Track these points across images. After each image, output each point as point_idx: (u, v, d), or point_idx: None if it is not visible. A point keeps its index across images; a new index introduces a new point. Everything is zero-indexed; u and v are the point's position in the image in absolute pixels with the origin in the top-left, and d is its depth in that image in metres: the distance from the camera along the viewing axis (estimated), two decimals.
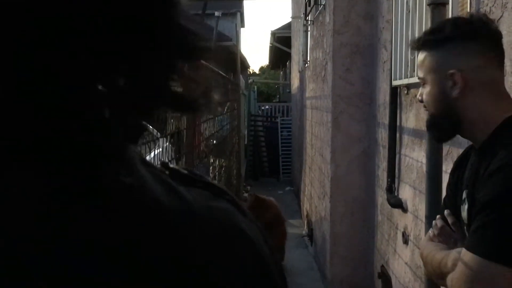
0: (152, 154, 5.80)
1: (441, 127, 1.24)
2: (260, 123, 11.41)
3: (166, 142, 6.15)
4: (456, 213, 1.40)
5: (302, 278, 4.77)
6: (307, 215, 6.23)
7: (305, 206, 6.52)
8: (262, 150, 11.03)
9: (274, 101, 18.48)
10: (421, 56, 1.21)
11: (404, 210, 3.03)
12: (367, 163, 4.05)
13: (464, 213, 1.22)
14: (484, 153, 1.13)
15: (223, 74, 5.41)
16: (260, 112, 12.49)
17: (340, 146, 4.12)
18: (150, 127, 5.55)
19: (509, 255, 0.97)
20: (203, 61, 0.34)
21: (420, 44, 1.20)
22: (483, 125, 1.14)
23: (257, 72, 39.70)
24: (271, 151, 10.80)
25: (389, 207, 3.30)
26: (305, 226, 6.32)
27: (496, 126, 1.12)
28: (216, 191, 0.35)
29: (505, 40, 1.76)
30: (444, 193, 1.43)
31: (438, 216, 1.29)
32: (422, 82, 1.23)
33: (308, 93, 6.47)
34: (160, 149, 6.02)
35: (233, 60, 8.56)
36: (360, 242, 4.14)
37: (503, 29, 1.75)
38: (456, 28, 1.14)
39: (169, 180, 0.32)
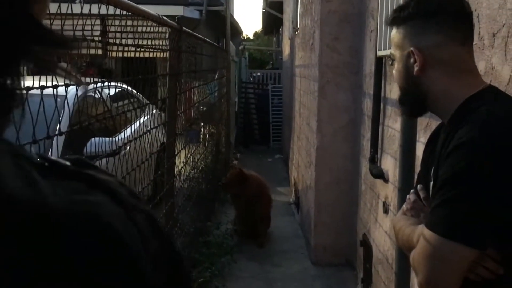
0: (142, 120, 5.76)
1: (409, 103, 1.25)
2: (251, 91, 11.33)
3: (154, 109, 6.09)
4: (427, 188, 1.42)
5: (288, 244, 4.85)
6: (294, 183, 6.28)
7: (293, 174, 6.56)
8: (253, 118, 11.00)
9: (267, 68, 18.32)
10: (392, 32, 1.21)
11: (386, 180, 3.06)
12: (352, 133, 4.06)
13: (431, 190, 1.23)
14: (449, 130, 1.14)
15: (210, 41, 5.33)
16: (251, 79, 12.39)
17: (326, 116, 4.12)
18: (139, 94, 5.46)
19: (464, 233, 0.99)
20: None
21: (390, 20, 1.20)
22: (447, 103, 1.15)
23: (251, 37, 39.16)
24: (262, 119, 10.77)
25: (372, 177, 3.33)
26: (293, 194, 6.38)
27: (458, 104, 1.12)
28: (93, 183, 0.35)
29: (484, 14, 1.74)
30: (418, 167, 1.44)
31: (411, 191, 1.31)
32: (392, 58, 1.24)
33: (297, 61, 6.41)
34: (148, 116, 5.97)
35: (224, 25, 8.43)
36: (344, 211, 4.19)
37: (483, 2, 1.72)
38: (418, 5, 1.14)
39: (33, 174, 0.32)
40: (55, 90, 1.52)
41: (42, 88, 1.46)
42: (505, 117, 1.04)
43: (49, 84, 1.51)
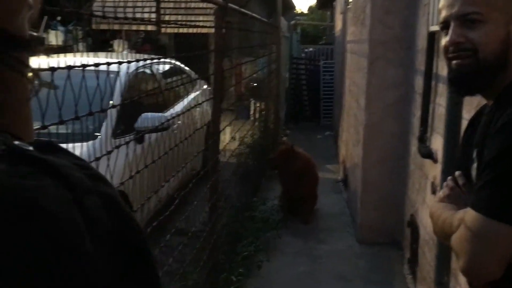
0: (192, 96, 5.83)
1: (479, 75, 1.09)
2: (302, 66, 11.19)
3: (205, 84, 6.14)
4: (467, 173, 1.36)
5: (333, 222, 4.84)
6: (343, 161, 6.22)
7: (342, 151, 6.49)
8: (304, 94, 10.90)
9: (320, 43, 17.99)
10: None
11: (434, 160, 2.96)
12: (402, 111, 3.95)
13: (474, 172, 1.19)
14: (496, 108, 1.08)
15: (258, 17, 5.29)
16: (303, 55, 12.22)
17: (375, 93, 4.02)
18: (189, 69, 5.52)
19: (509, 213, 0.96)
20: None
21: None
22: (510, 75, 1.08)
23: (306, 12, 38.50)
24: (313, 95, 10.65)
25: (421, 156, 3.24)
26: (341, 172, 6.32)
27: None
28: (44, 168, 0.36)
29: None
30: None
31: (449, 178, 1.26)
32: (476, 19, 1.06)
33: (348, 37, 6.26)
34: (198, 92, 6.02)
35: (275, 1, 8.33)
36: (392, 190, 4.12)
37: None
38: None
39: None
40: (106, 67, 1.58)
41: (96, 65, 1.52)
42: None
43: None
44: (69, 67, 1.36)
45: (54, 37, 8.05)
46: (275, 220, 4.59)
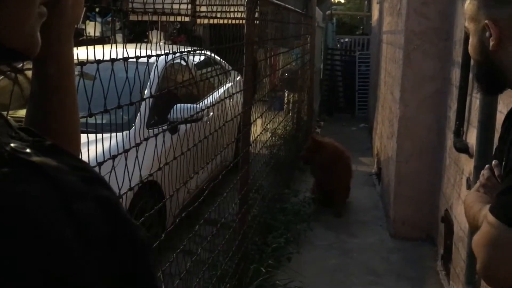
0: (225, 87, 5.86)
1: (485, 80, 1.17)
2: (337, 57, 11.05)
3: (238, 75, 6.17)
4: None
5: (366, 215, 4.79)
6: (377, 154, 6.13)
7: (376, 144, 6.39)
8: (339, 85, 10.77)
9: (357, 33, 17.69)
10: (466, 3, 1.14)
11: (470, 155, 2.88)
12: (439, 104, 3.85)
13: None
14: None
15: (291, 7, 5.25)
16: (339, 45, 12.06)
17: (411, 85, 3.93)
18: (223, 61, 5.53)
19: None
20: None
21: None
22: None
23: (343, 1, 37.88)
24: (348, 87, 10.51)
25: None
26: (375, 165, 6.23)
27: None
28: (33, 170, 0.37)
29: None
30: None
31: (486, 166, 1.24)
32: (467, 32, 1.16)
33: (384, 27, 6.13)
34: (232, 83, 6.07)
35: None
36: (426, 185, 4.03)
37: None
38: None
39: None
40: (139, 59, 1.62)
41: (137, 57, 1.56)
42: None
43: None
44: (107, 61, 1.40)
45: (92, 28, 8.23)
46: (307, 212, 4.58)
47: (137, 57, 1.62)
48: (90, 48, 1.36)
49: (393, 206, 4.24)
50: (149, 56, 1.72)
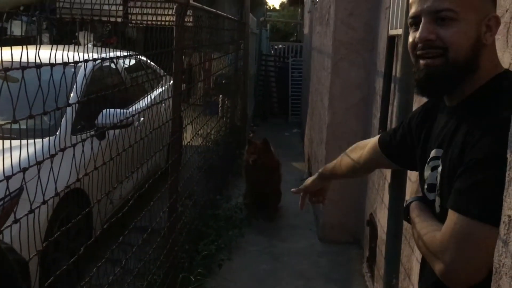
0: (157, 92, 5.76)
1: (448, 77, 1.06)
2: (271, 63, 11.22)
3: (171, 80, 6.08)
4: (399, 160, 1.43)
5: (297, 220, 4.87)
6: (308, 159, 6.27)
7: (308, 150, 6.54)
8: (272, 91, 10.94)
9: (291, 39, 18.05)
10: None
11: None
12: (364, 112, 4.01)
13: (428, 173, 1.17)
14: (468, 113, 1.05)
15: (223, 14, 5.27)
16: (272, 51, 12.25)
17: (339, 93, 4.06)
18: (156, 66, 5.44)
19: (498, 216, 0.89)
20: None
21: None
22: (479, 79, 1.05)
23: (278, 8, 38.52)
24: (281, 92, 10.70)
25: None
26: (306, 170, 6.37)
27: (486, 80, 1.05)
28: None
29: None
30: None
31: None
32: (449, 16, 1.02)
33: (314, 36, 6.30)
34: (164, 87, 5.96)
35: None
36: (354, 190, 4.18)
37: None
38: None
39: None
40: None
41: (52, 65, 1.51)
42: None
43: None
44: (32, 67, 1.35)
45: (18, 28, 7.82)
46: (239, 218, 4.59)
47: (65, 63, 1.58)
48: (16, 49, 1.32)
49: (322, 211, 4.35)
50: (76, 62, 1.67)
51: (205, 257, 3.57)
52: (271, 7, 37.29)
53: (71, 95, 3.48)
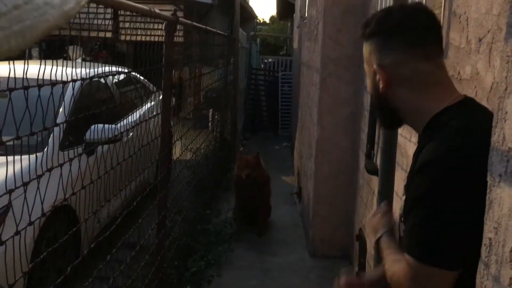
0: (147, 106, 5.75)
1: (383, 116, 1.23)
2: (261, 77, 11.28)
3: (161, 95, 6.08)
4: None
5: (287, 234, 4.87)
6: (298, 173, 6.28)
7: (297, 164, 6.56)
8: (262, 105, 10.98)
9: (281, 53, 18.18)
10: (363, 46, 1.18)
11: None
12: (353, 127, 4.04)
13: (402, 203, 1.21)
14: (419, 146, 1.11)
15: (213, 30, 5.31)
16: (262, 65, 12.33)
17: (327, 108, 4.09)
18: (146, 81, 5.44)
19: (439, 257, 0.95)
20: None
21: (360, 34, 1.17)
22: (417, 118, 1.12)
23: (267, 21, 38.84)
24: (271, 106, 10.75)
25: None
26: (296, 184, 6.38)
27: (430, 117, 1.09)
28: None
29: (472, 17, 1.71)
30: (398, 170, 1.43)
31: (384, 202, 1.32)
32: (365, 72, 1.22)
33: (303, 51, 6.36)
34: (153, 103, 5.96)
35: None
36: (343, 204, 4.19)
37: (472, 5, 1.69)
38: (379, 22, 1.11)
39: None
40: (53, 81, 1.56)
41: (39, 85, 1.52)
42: (471, 134, 1.00)
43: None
44: (20, 88, 1.36)
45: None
46: (228, 232, 4.58)
47: (53, 84, 1.59)
48: (3, 64, 1.33)
49: (312, 225, 4.35)
50: (63, 82, 1.68)
51: (194, 273, 3.55)
52: (261, 21, 37.63)
53: (60, 110, 3.47)
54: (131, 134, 3.67)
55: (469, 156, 0.96)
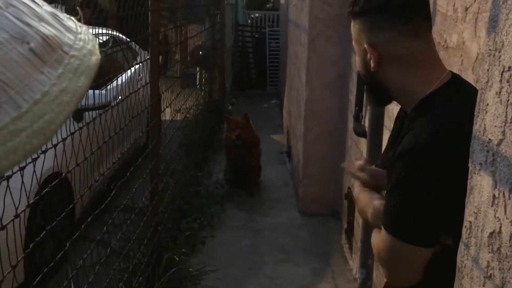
0: (133, 69, 5.68)
1: (372, 94, 1.26)
2: (248, 34, 11.11)
3: (148, 55, 6.00)
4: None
5: (277, 194, 4.96)
6: (287, 132, 6.33)
7: (286, 122, 6.59)
8: (250, 62, 10.87)
9: (267, 6, 17.78)
10: (351, 25, 1.19)
11: None
12: (341, 88, 4.05)
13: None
14: (405, 127, 1.14)
15: None
16: (249, 21, 12.11)
17: (316, 69, 4.09)
18: (133, 43, 5.33)
19: (417, 236, 1.03)
20: None
21: (347, 12, 1.17)
22: (406, 97, 1.14)
23: None
24: (259, 63, 10.65)
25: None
26: (285, 142, 6.44)
27: (416, 101, 1.12)
28: None
29: (458, 4, 1.70)
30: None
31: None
32: (354, 50, 1.22)
33: (291, 8, 6.26)
34: (140, 64, 5.88)
35: None
36: (332, 164, 4.26)
37: None
38: (368, 1, 1.11)
39: None
40: None
41: None
42: (453, 122, 1.05)
43: None
44: None
45: None
46: (220, 194, 4.66)
47: None
48: None
49: (301, 185, 4.44)
50: None
51: (189, 236, 3.63)
52: None
53: None
54: (119, 97, 3.65)
55: (450, 145, 1.01)
